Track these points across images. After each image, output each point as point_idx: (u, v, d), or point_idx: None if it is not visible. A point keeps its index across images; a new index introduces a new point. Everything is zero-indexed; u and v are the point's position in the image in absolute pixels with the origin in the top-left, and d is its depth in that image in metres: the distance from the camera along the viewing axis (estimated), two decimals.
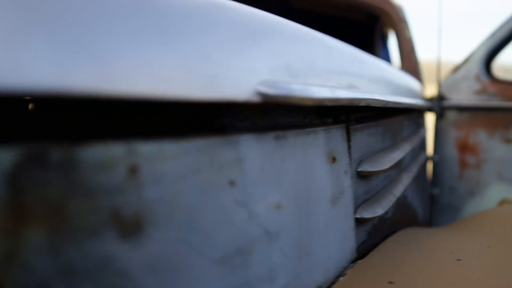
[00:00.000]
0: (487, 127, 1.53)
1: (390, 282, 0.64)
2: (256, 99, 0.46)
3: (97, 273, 0.35)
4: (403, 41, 1.70)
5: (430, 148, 1.68)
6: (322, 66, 0.60)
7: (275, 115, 0.58)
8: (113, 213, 0.36)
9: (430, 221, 1.59)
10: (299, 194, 0.55)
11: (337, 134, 0.65)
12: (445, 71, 1.72)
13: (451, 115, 1.62)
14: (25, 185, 0.32)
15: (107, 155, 0.36)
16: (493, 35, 1.58)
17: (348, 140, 0.68)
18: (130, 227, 0.37)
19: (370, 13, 1.92)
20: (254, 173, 0.48)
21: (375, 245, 0.82)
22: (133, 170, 0.37)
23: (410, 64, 1.64)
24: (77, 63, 0.33)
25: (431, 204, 1.65)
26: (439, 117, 1.64)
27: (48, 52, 0.32)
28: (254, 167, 0.48)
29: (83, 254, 0.35)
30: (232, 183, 0.45)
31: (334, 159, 0.63)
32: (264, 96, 0.46)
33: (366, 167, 0.72)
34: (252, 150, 0.48)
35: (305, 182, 0.57)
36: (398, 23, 1.73)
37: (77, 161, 0.34)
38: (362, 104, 0.63)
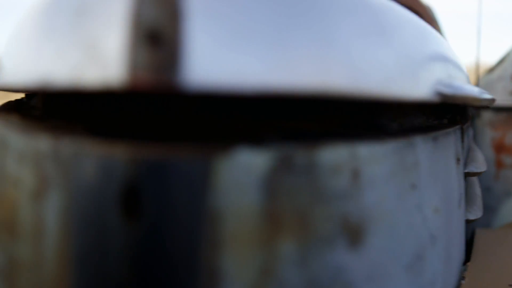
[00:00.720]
0: None
1: (511, 285, 0.63)
2: (435, 99, 0.45)
3: (332, 285, 0.33)
4: None
5: None
6: (456, 66, 0.59)
7: (410, 116, 0.57)
8: (343, 220, 0.34)
9: None
10: (446, 197, 0.54)
11: (458, 135, 0.63)
12: None
13: (486, 116, 1.63)
14: (277, 191, 0.30)
15: (338, 159, 0.34)
16: None
17: (462, 141, 0.67)
18: (355, 235, 0.35)
19: None
20: (425, 176, 0.46)
21: (465, 246, 0.82)
22: (356, 174, 0.35)
23: None
24: (330, 63, 0.31)
25: None
26: (475, 118, 1.65)
27: (304, 50, 0.29)
28: (425, 169, 0.46)
29: (323, 265, 0.33)
30: (413, 186, 0.44)
31: (458, 161, 0.62)
32: (442, 96, 0.45)
33: (472, 168, 0.71)
34: (423, 152, 0.46)
35: (447, 184, 0.55)
36: (429, 23, 1.73)
37: (316, 165, 0.32)
38: (491, 105, 0.62)
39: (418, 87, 0.41)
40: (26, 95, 0.62)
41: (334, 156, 0.33)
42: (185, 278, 0.27)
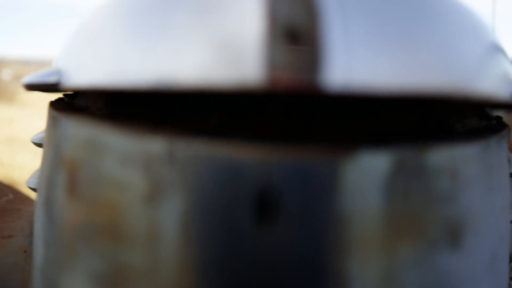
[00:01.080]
0: None
1: None
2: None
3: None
4: None
5: None
6: None
7: (469, 117, 0.57)
8: (448, 222, 0.34)
9: None
10: (505, 198, 0.54)
11: (508, 136, 0.64)
12: None
13: None
14: (395, 194, 0.30)
15: (442, 160, 0.33)
16: None
17: (508, 142, 0.67)
18: (456, 237, 0.35)
19: None
20: (495, 177, 0.46)
21: None
22: (454, 176, 0.35)
23: None
24: (453, 64, 0.30)
25: None
26: None
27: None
28: (496, 170, 0.46)
29: (433, 268, 0.32)
30: (490, 187, 0.44)
31: (509, 162, 0.62)
32: None
33: None
34: (495, 153, 0.46)
35: (505, 185, 0.55)
36: None
37: (426, 166, 0.32)
38: None
39: (502, 87, 0.41)
40: (64, 94, 0.60)
41: (439, 157, 0.33)
42: (319, 285, 0.26)
